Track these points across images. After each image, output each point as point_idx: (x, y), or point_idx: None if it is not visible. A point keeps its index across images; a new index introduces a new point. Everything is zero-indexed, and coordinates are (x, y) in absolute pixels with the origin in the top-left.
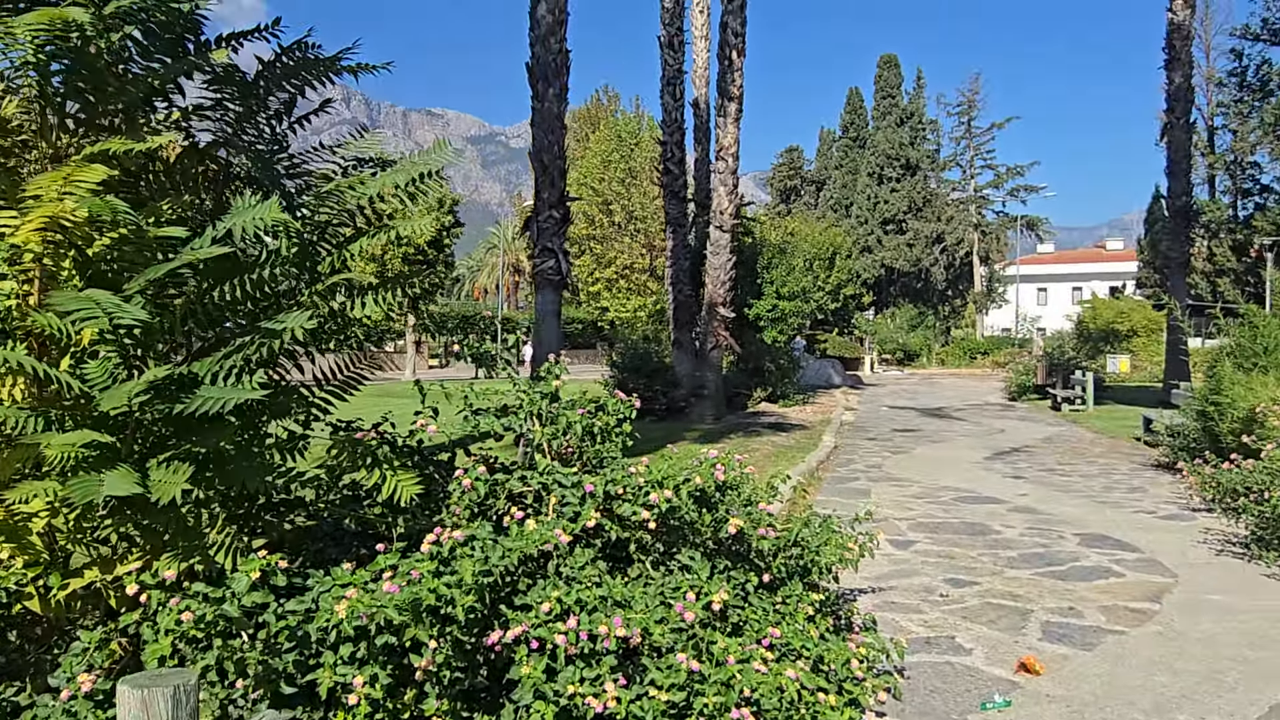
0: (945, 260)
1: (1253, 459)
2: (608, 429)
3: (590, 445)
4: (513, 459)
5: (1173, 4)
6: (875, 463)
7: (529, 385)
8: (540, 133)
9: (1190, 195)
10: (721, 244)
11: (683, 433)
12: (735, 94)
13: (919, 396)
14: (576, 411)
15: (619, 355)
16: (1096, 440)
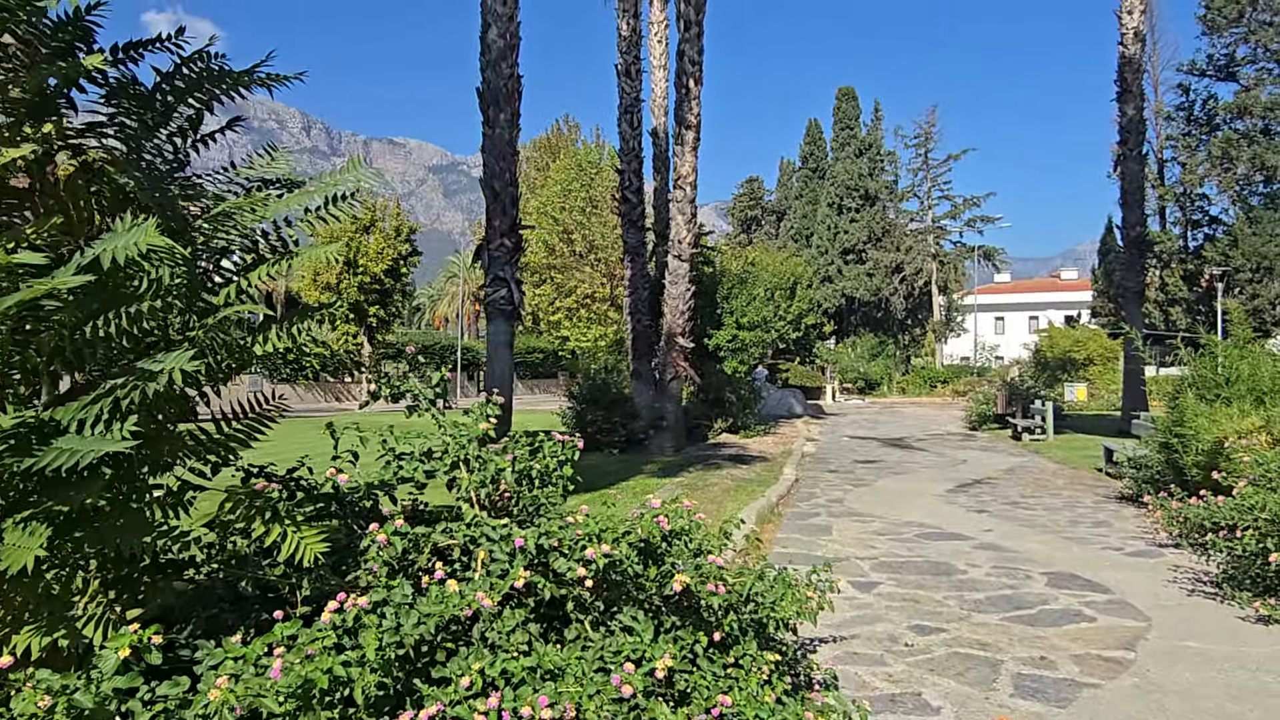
0: (905, 290)
1: (1222, 494)
2: (546, 473)
3: (527, 491)
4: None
5: (1123, 38)
6: (837, 496)
7: (456, 427)
8: (491, 159)
9: (1144, 225)
10: (680, 273)
11: (641, 466)
12: (693, 122)
13: (880, 426)
14: (505, 458)
15: (577, 386)
16: (1059, 471)
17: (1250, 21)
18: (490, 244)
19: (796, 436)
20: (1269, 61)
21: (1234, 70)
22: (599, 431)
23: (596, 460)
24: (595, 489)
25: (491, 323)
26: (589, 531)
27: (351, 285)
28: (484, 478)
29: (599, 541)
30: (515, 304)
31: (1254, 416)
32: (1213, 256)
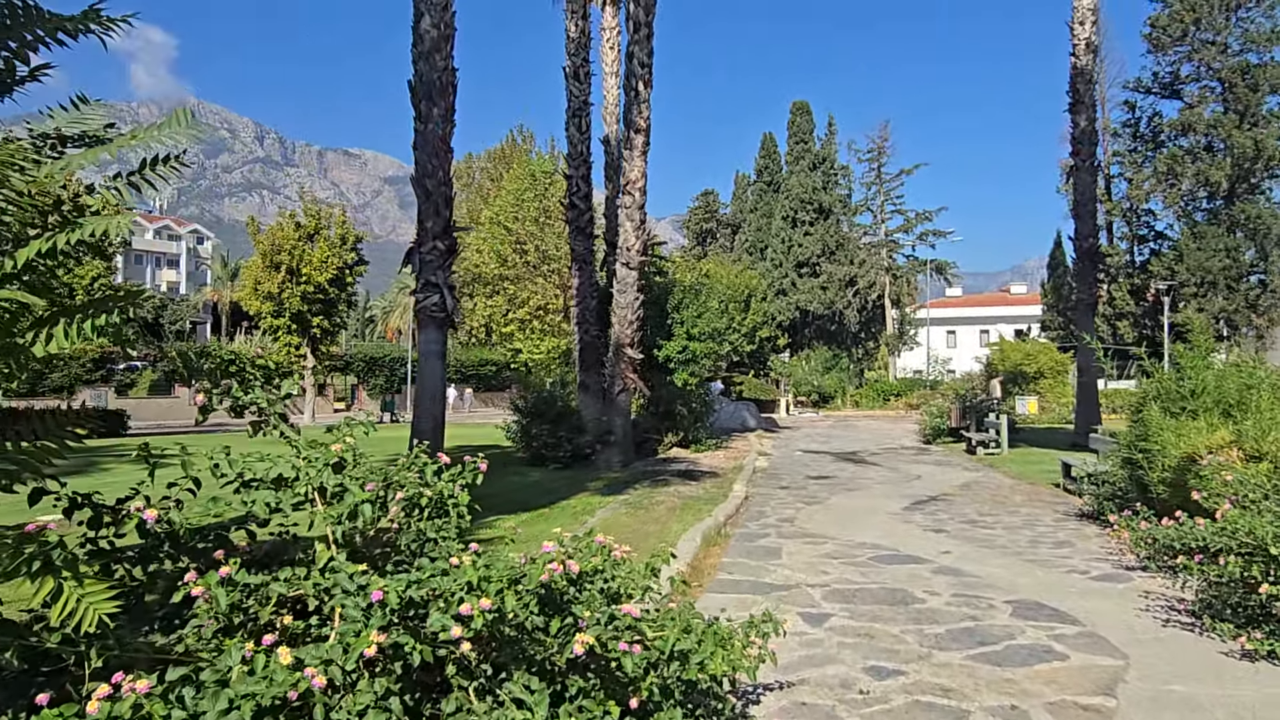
0: (858, 303)
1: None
2: (439, 501)
3: (416, 523)
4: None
5: (1075, 49)
6: (788, 515)
7: (310, 450)
8: (424, 157)
9: (1096, 237)
10: (628, 282)
11: (586, 482)
12: (642, 126)
13: (834, 440)
14: (365, 488)
15: (522, 400)
16: (1016, 487)
17: (1194, 40)
18: (421, 247)
19: (749, 451)
20: (1211, 80)
21: (1178, 88)
22: (544, 446)
23: (540, 476)
24: (533, 508)
25: (423, 331)
26: (471, 579)
27: (294, 295)
28: (341, 512)
29: (480, 592)
30: (449, 311)
31: (1223, 430)
32: (1159, 271)
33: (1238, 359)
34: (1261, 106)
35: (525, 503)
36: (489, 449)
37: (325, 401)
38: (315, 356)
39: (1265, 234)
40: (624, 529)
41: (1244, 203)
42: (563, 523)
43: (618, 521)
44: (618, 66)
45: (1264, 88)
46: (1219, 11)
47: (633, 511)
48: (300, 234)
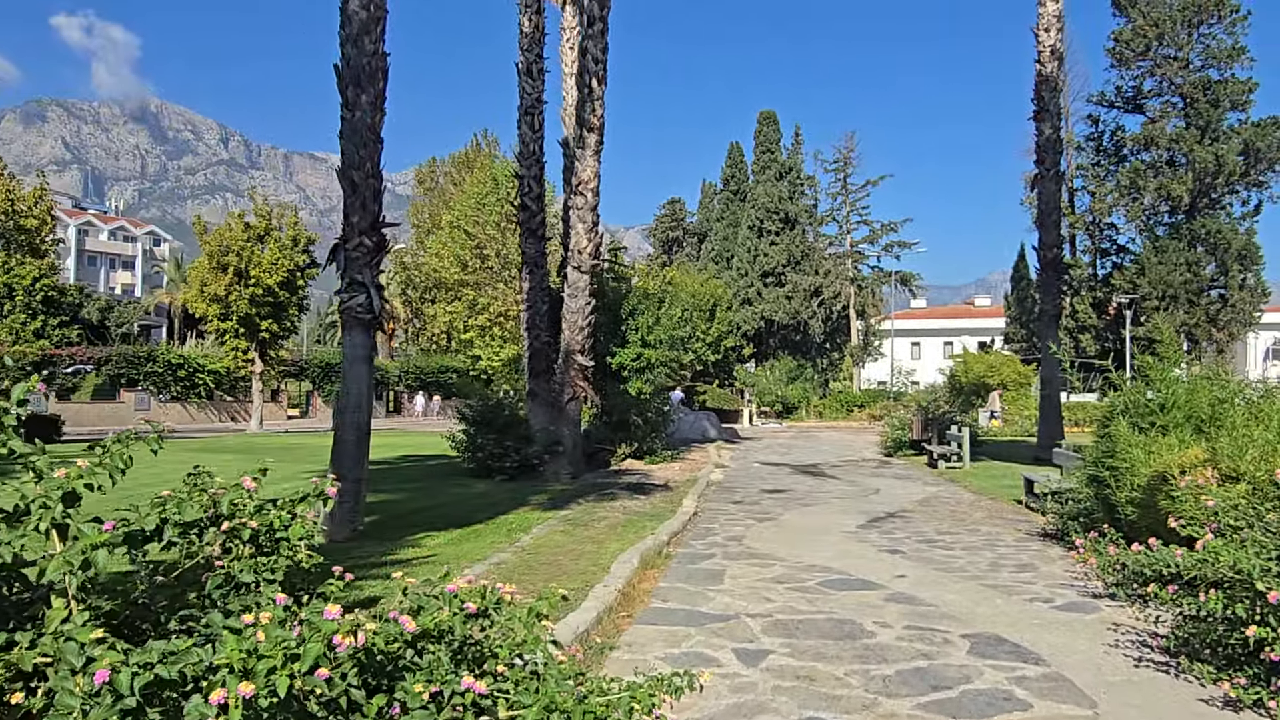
0: (823, 313)
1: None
2: (269, 533)
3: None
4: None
5: (1040, 56)
6: (737, 533)
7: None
8: (351, 146)
9: (1061, 247)
10: (580, 286)
11: (530, 496)
12: (595, 124)
13: (794, 451)
14: (101, 529)
15: (468, 407)
16: (976, 503)
17: (1156, 55)
18: (347, 243)
19: (706, 463)
20: (1173, 95)
21: (1141, 102)
22: (490, 457)
23: (484, 488)
24: (468, 523)
25: (347, 333)
26: (231, 656)
27: (242, 298)
28: (72, 556)
29: (249, 673)
30: (375, 312)
31: (1196, 448)
32: (1121, 284)
33: (1208, 370)
34: (1223, 122)
35: (461, 517)
36: (436, 459)
37: (278, 408)
38: (264, 361)
39: (1225, 249)
40: (557, 548)
41: (1205, 217)
42: (494, 540)
43: (552, 540)
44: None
45: (1225, 103)
46: (1181, 27)
47: (571, 529)
48: (249, 235)
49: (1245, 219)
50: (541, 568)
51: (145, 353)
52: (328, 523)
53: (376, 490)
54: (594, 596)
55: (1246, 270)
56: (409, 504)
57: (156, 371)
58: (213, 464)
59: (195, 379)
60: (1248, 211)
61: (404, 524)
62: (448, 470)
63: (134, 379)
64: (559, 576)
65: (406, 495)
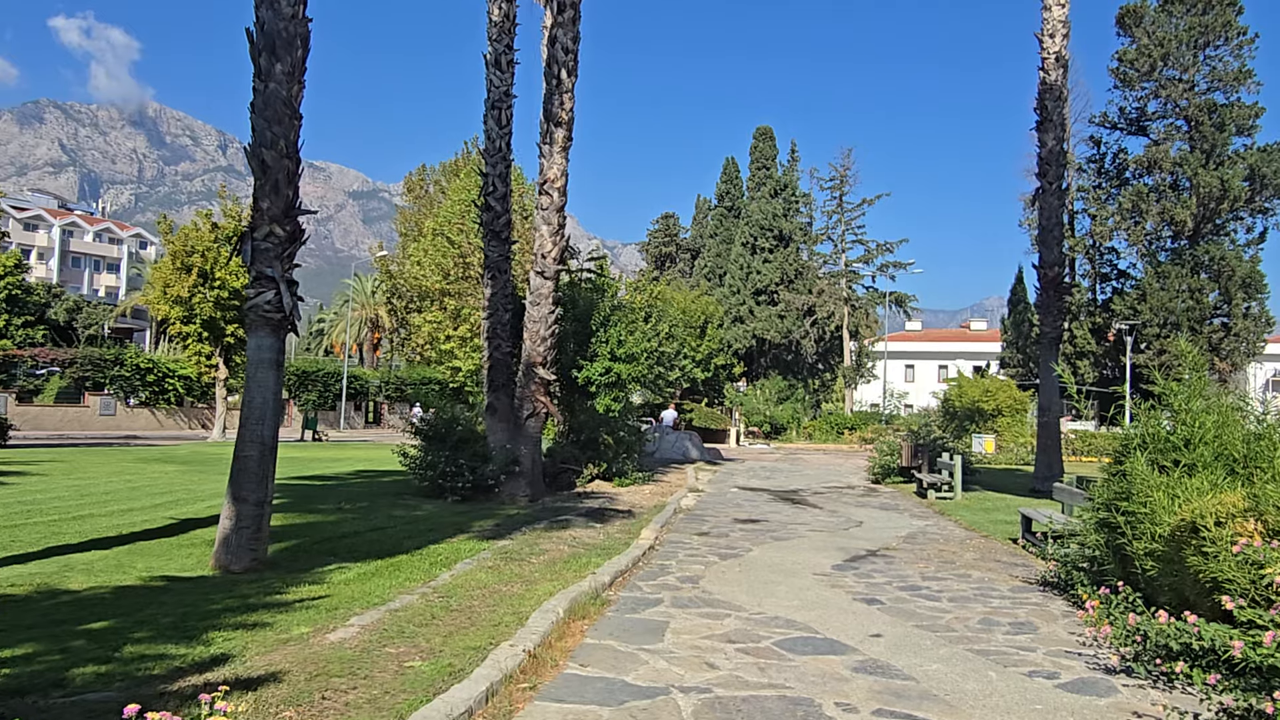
0: (816, 333)
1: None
2: None
3: None
4: None
5: (1044, 63)
6: (694, 573)
7: None
8: (262, 122)
9: (1062, 266)
10: (543, 293)
11: (475, 521)
12: (564, 118)
13: (777, 476)
14: None
15: (422, 421)
16: (967, 541)
17: (1161, 76)
18: (256, 232)
19: (680, 486)
20: (1178, 118)
21: (1144, 124)
22: (442, 475)
23: (431, 510)
24: (391, 554)
25: (252, 334)
26: None
27: (206, 300)
28: None
29: None
30: (286, 311)
31: (1233, 493)
32: (1121, 310)
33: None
34: (1228, 146)
35: (389, 546)
36: (392, 476)
37: None
38: (229, 368)
39: (1229, 276)
40: (477, 589)
41: (1208, 243)
42: (410, 577)
43: (475, 578)
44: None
45: (1230, 127)
46: (1187, 49)
47: (503, 564)
48: (217, 235)
49: (1250, 246)
50: (448, 616)
51: (112, 355)
52: (222, 552)
53: (310, 510)
54: (492, 661)
55: (1251, 298)
56: (339, 528)
57: (124, 375)
58: (148, 475)
59: (165, 384)
60: (1252, 239)
61: (321, 552)
62: (399, 489)
63: (100, 382)
64: (465, 629)
65: (340, 517)
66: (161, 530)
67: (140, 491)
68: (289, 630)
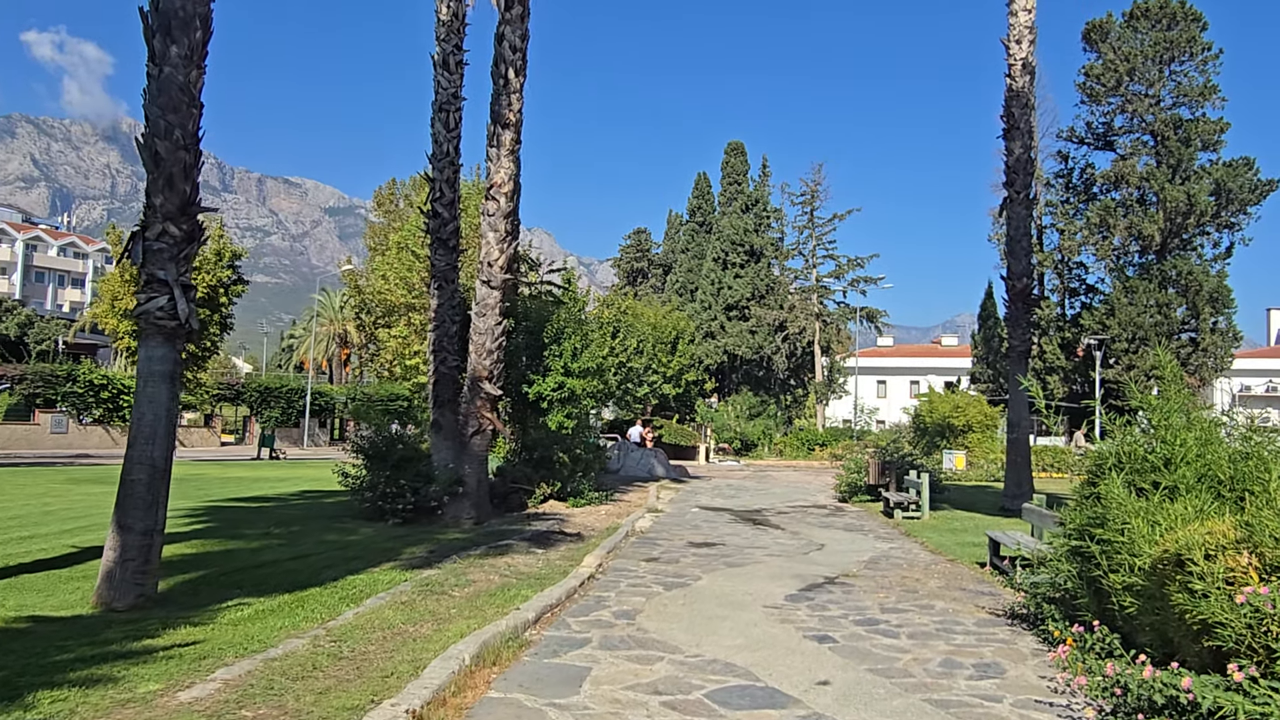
0: (787, 349)
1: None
2: None
3: None
4: None
5: (1011, 70)
6: (633, 606)
7: None
8: (156, 110)
9: (1031, 277)
10: (489, 303)
11: (408, 548)
12: (511, 120)
13: (743, 494)
14: None
15: (361, 439)
16: (932, 566)
17: (1127, 91)
18: (147, 231)
19: (639, 506)
20: (1144, 133)
21: (1111, 139)
22: (381, 497)
23: (365, 536)
24: (305, 587)
25: (144, 344)
26: None
27: None
28: None
29: None
30: (182, 319)
31: (1220, 521)
32: (1090, 325)
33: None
34: (1194, 161)
35: (305, 577)
36: (335, 497)
37: (211, 434)
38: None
39: (1197, 291)
40: (380, 630)
41: (1176, 258)
42: (310, 614)
43: (382, 617)
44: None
45: (1196, 143)
46: (1153, 63)
47: (421, 598)
48: None
49: (1216, 261)
50: (333, 666)
51: (64, 371)
52: (104, 588)
53: (233, 536)
54: None
55: (1218, 313)
56: (259, 556)
57: (77, 392)
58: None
59: (120, 400)
60: (1219, 254)
61: (227, 585)
62: (339, 511)
63: (51, 399)
64: (347, 683)
65: (264, 544)
66: (57, 560)
67: (54, 516)
68: (135, 688)
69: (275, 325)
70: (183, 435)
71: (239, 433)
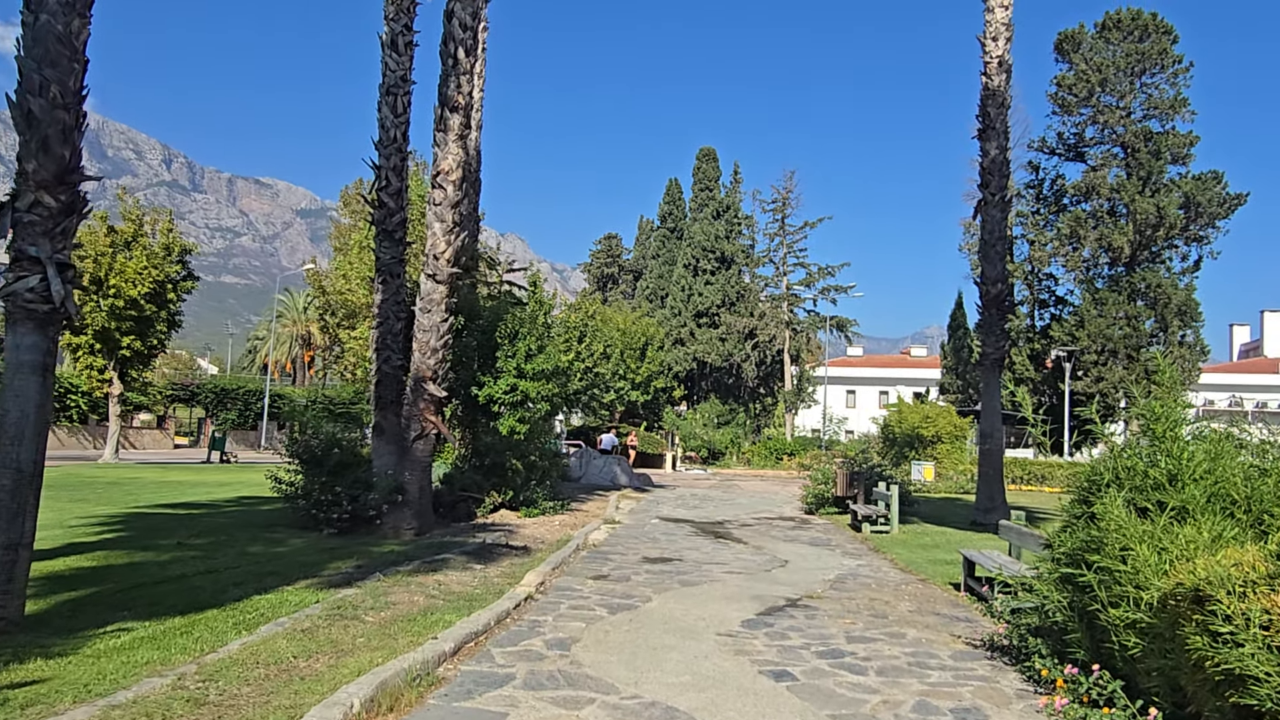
0: (757, 356)
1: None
2: None
3: None
4: None
5: (987, 68)
6: (571, 633)
7: None
8: (31, 63)
9: (1006, 282)
10: (435, 298)
11: (334, 562)
12: (459, 103)
13: (706, 505)
14: None
15: (295, 443)
16: (903, 587)
17: (1098, 102)
18: (18, 201)
19: (596, 517)
20: (1114, 144)
21: (1082, 150)
22: (316, 505)
23: (296, 546)
24: (203, 609)
25: (11, 331)
26: None
27: (99, 310)
28: None
29: None
30: (57, 302)
31: (1243, 549)
32: (1059, 337)
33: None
34: (1163, 174)
35: (205, 598)
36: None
37: (164, 436)
38: (124, 383)
39: (1165, 303)
40: (261, 668)
41: (1145, 270)
42: (192, 643)
43: (270, 649)
44: (480, 67)
45: (1166, 155)
46: (1124, 75)
47: (326, 624)
48: (113, 239)
49: (1185, 274)
50: (193, 715)
51: None
52: None
53: (144, 548)
54: None
55: (1186, 326)
56: (166, 570)
57: None
58: None
59: (66, 400)
60: (1187, 267)
61: (115, 605)
62: (273, 520)
63: None
64: None
65: (176, 556)
66: None
67: None
68: None
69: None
70: (134, 437)
71: (194, 435)
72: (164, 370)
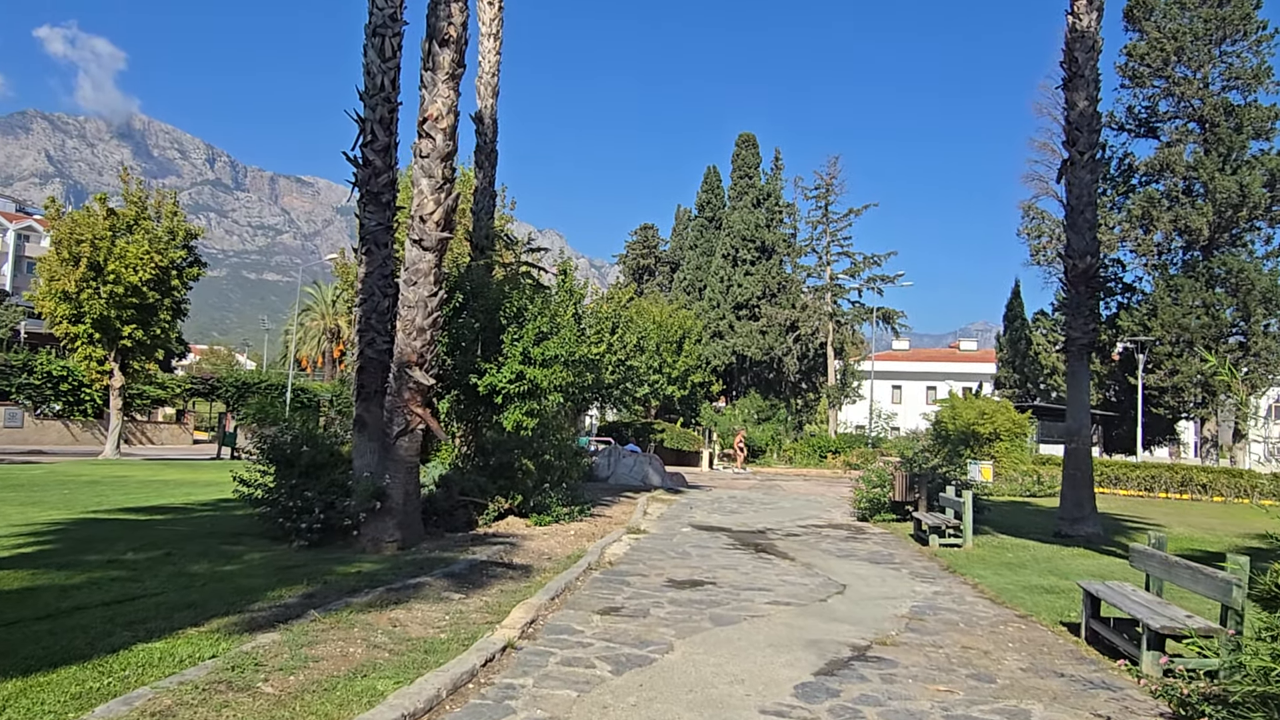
0: (799, 350)
1: None
2: None
3: None
4: None
5: (1074, 6)
6: (553, 712)
7: None
8: None
9: (1097, 255)
10: (421, 268)
11: (279, 587)
12: (451, 35)
13: (746, 509)
14: None
15: (264, 441)
16: (1000, 626)
17: (1173, 73)
18: None
19: (619, 525)
20: (1191, 119)
21: (1155, 126)
22: (283, 513)
23: (252, 563)
24: (72, 661)
25: None
26: None
27: (97, 297)
28: None
29: None
30: None
31: None
32: (1129, 327)
33: None
34: (1245, 150)
35: (81, 644)
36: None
37: (182, 430)
38: (126, 374)
39: (1249, 290)
40: None
41: (1225, 254)
42: None
43: None
44: (498, 27)
45: (1248, 130)
46: (1201, 44)
47: (195, 703)
48: (113, 223)
49: (1269, 258)
50: None
51: (20, 361)
52: None
53: (64, 565)
54: None
55: (1271, 315)
56: (64, 598)
57: (33, 384)
58: None
59: (81, 394)
60: (1272, 250)
61: None
62: (241, 528)
63: (5, 391)
64: None
65: (95, 577)
66: None
67: None
68: None
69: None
70: (152, 432)
71: (214, 430)
72: (203, 365)
